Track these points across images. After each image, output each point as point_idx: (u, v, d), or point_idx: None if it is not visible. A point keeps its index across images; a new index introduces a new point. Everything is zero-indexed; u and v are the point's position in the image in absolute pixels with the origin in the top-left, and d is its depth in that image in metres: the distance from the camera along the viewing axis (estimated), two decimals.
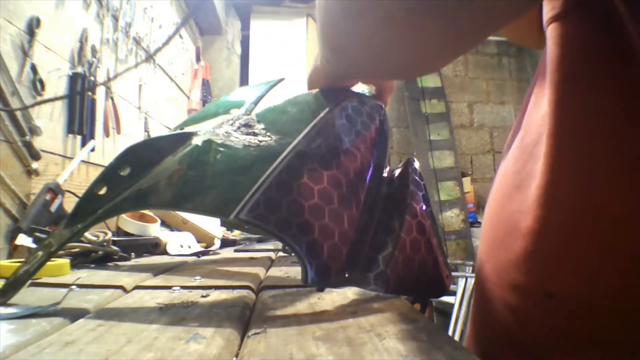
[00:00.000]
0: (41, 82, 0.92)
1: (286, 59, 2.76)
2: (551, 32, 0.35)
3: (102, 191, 0.39)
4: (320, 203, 0.38)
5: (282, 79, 0.52)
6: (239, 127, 0.41)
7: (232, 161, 0.39)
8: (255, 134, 0.41)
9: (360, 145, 0.44)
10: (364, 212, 0.42)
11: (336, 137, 0.42)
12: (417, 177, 0.45)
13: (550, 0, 0.35)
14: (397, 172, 0.47)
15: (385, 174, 0.47)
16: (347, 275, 0.39)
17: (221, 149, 0.39)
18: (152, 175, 0.39)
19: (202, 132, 0.41)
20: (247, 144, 0.40)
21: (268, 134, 0.41)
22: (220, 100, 0.51)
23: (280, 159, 0.39)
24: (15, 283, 0.40)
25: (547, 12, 0.35)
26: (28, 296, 0.45)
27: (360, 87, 0.52)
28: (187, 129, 0.42)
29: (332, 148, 0.41)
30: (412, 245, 0.41)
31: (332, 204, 0.39)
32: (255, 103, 0.45)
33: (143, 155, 0.40)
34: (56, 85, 1.00)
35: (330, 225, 0.38)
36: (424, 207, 0.44)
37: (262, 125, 0.42)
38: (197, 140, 0.40)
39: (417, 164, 0.47)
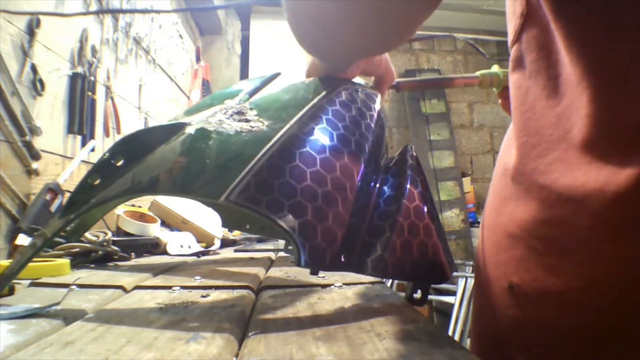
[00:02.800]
0: (41, 82, 0.92)
1: (286, 59, 2.76)
2: (512, 54, 0.41)
3: (96, 182, 0.39)
4: (313, 185, 0.38)
5: (278, 74, 0.52)
6: (231, 115, 0.41)
7: (224, 146, 0.39)
8: (247, 120, 0.41)
9: (355, 131, 0.43)
10: (360, 197, 0.41)
11: (329, 122, 0.42)
12: (414, 163, 0.45)
13: (510, 22, 0.41)
14: (395, 159, 0.47)
15: (382, 161, 0.47)
16: (343, 260, 0.39)
17: (213, 135, 0.39)
18: (145, 164, 0.39)
19: (196, 122, 0.41)
20: (239, 130, 0.40)
21: (260, 119, 0.41)
22: (216, 93, 0.51)
23: (272, 142, 0.39)
24: (9, 274, 0.40)
25: (509, 35, 0.42)
26: (28, 296, 0.45)
27: (357, 80, 0.52)
28: (181, 120, 0.42)
29: (325, 132, 0.41)
30: (410, 229, 0.41)
31: (326, 186, 0.38)
32: (250, 94, 0.45)
33: (136, 146, 0.40)
34: (56, 85, 1.00)
35: (324, 208, 0.38)
36: (422, 192, 0.43)
37: (254, 112, 0.41)
38: (190, 130, 0.40)
39: (414, 151, 0.47)
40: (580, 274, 0.33)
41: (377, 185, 0.44)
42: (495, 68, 0.77)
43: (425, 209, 0.42)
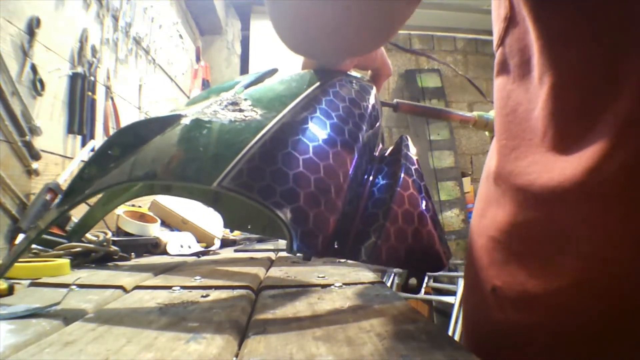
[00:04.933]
0: (41, 82, 0.92)
1: (286, 59, 2.75)
2: (497, 58, 0.42)
3: (93, 173, 0.40)
4: (305, 172, 0.38)
5: (275, 69, 0.52)
6: (226, 106, 0.42)
7: (218, 135, 0.39)
8: (241, 110, 0.41)
9: (349, 120, 0.43)
10: (354, 186, 0.41)
11: (323, 111, 0.42)
12: (409, 153, 0.45)
13: (495, 26, 0.42)
14: (390, 149, 0.47)
15: (377, 153, 0.47)
16: (336, 246, 0.39)
17: (207, 125, 0.40)
18: (141, 154, 0.39)
19: (191, 114, 0.41)
20: (233, 120, 0.40)
21: (254, 109, 0.41)
22: (213, 87, 0.51)
23: (264, 130, 0.39)
24: (4, 265, 0.40)
25: (494, 39, 0.42)
26: (28, 296, 0.45)
27: (352, 73, 0.52)
28: (176, 112, 0.43)
29: (318, 122, 0.41)
30: (404, 216, 0.41)
31: (318, 173, 0.38)
32: (245, 87, 0.46)
33: (132, 136, 0.41)
34: (56, 85, 1.00)
35: (316, 194, 0.38)
36: (417, 181, 0.43)
37: (249, 102, 0.42)
38: (185, 120, 0.41)
39: (410, 142, 0.47)
40: (562, 276, 0.33)
41: (372, 174, 0.44)
42: (492, 113, 0.78)
43: (420, 197, 0.42)
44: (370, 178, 0.44)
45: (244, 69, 2.80)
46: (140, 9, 1.56)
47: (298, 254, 0.37)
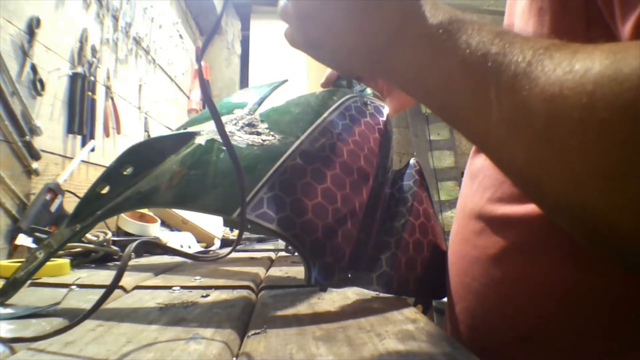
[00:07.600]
0: (41, 82, 0.92)
1: (286, 59, 2.75)
2: None
3: (105, 190, 0.39)
4: (323, 203, 0.38)
5: (285, 80, 0.52)
6: (242, 127, 0.41)
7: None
8: (258, 133, 0.41)
9: (364, 146, 0.44)
10: (367, 212, 0.42)
11: (339, 137, 0.42)
12: (420, 178, 0.46)
13: None
14: (400, 173, 0.47)
15: (388, 175, 0.47)
16: (349, 276, 0.39)
17: (224, 147, 0.39)
18: (155, 175, 0.39)
19: (205, 132, 0.41)
20: (251, 143, 0.40)
21: (271, 133, 0.41)
22: (224, 101, 0.51)
23: (283, 158, 0.39)
24: (15, 283, 0.40)
25: None
26: (28, 296, 0.45)
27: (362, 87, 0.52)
28: (190, 129, 0.42)
29: (335, 148, 0.41)
30: (415, 246, 0.41)
31: (336, 203, 0.39)
32: (259, 104, 0.45)
33: (146, 155, 0.40)
34: (56, 85, 1.00)
35: (334, 225, 0.38)
36: (427, 208, 0.44)
37: (265, 125, 0.42)
38: (200, 140, 0.40)
39: (419, 166, 0.48)
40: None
41: (384, 200, 0.44)
42: None
43: (430, 225, 0.43)
44: (383, 203, 0.44)
45: (244, 69, 2.80)
46: (140, 9, 1.56)
47: (315, 285, 0.38)
